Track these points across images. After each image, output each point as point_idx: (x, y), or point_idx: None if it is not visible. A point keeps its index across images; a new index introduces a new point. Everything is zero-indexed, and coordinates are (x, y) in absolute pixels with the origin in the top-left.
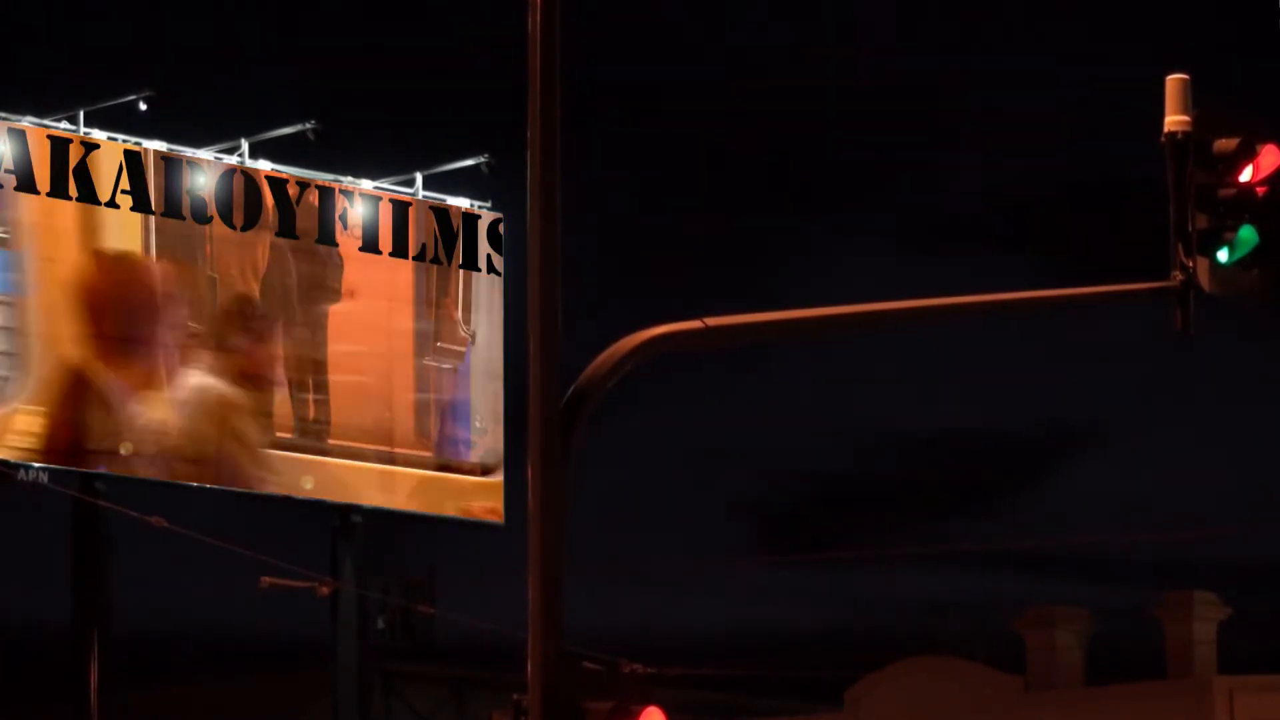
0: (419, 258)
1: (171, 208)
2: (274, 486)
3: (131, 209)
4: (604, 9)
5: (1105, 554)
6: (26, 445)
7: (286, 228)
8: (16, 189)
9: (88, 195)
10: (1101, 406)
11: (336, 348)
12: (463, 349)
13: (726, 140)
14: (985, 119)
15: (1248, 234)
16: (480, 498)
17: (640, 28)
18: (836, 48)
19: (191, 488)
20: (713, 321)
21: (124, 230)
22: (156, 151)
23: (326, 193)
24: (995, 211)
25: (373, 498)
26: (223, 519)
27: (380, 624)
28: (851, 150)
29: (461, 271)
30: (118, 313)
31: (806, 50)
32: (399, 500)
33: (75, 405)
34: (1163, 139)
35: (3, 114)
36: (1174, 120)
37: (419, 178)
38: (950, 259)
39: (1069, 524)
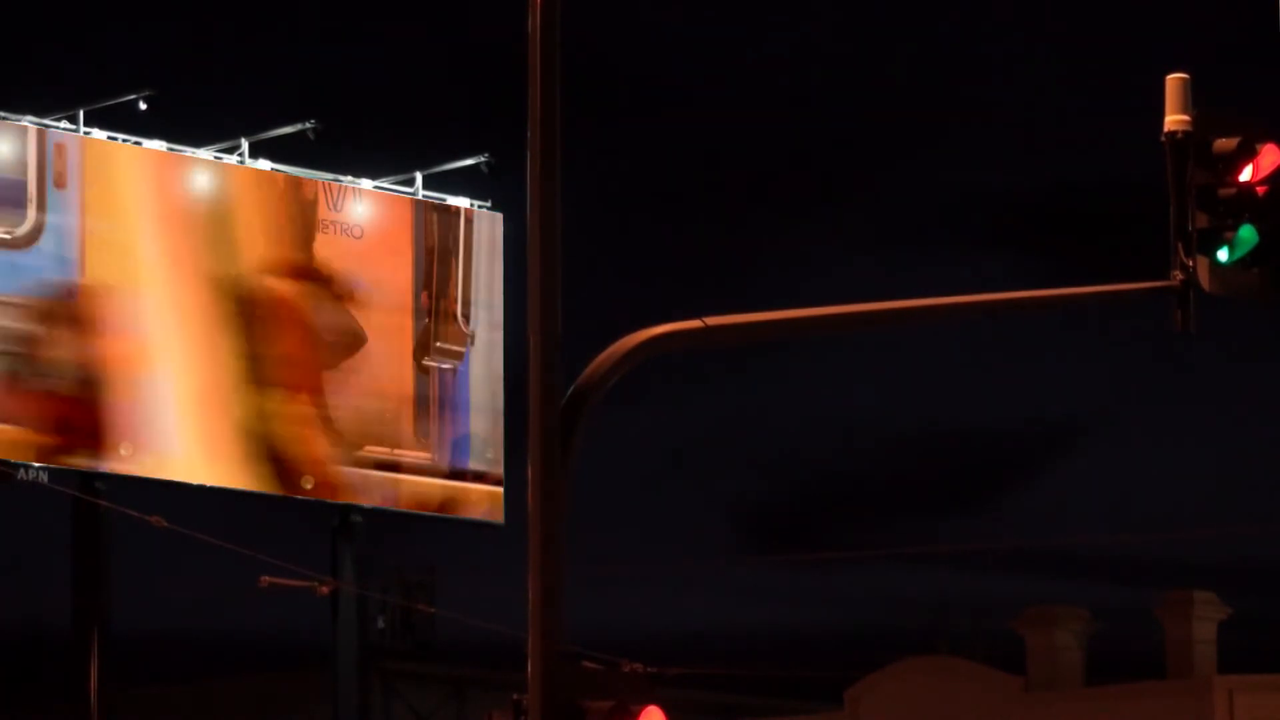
0: (418, 258)
1: (172, 208)
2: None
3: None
4: (604, 10)
5: (1105, 554)
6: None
7: (286, 227)
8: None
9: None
10: (1102, 406)
11: (337, 348)
12: (462, 349)
13: (725, 140)
14: (981, 118)
15: (1248, 234)
16: (480, 497)
17: (638, 29)
18: (834, 49)
19: (191, 487)
20: (713, 321)
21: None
22: (156, 151)
23: (326, 192)
24: (991, 211)
25: (372, 497)
26: (223, 519)
27: (380, 624)
28: (848, 150)
29: (461, 271)
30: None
31: (805, 51)
32: (399, 500)
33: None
34: (1163, 139)
35: (3, 113)
36: (1174, 120)
37: (419, 177)
38: (948, 259)
39: (1069, 524)
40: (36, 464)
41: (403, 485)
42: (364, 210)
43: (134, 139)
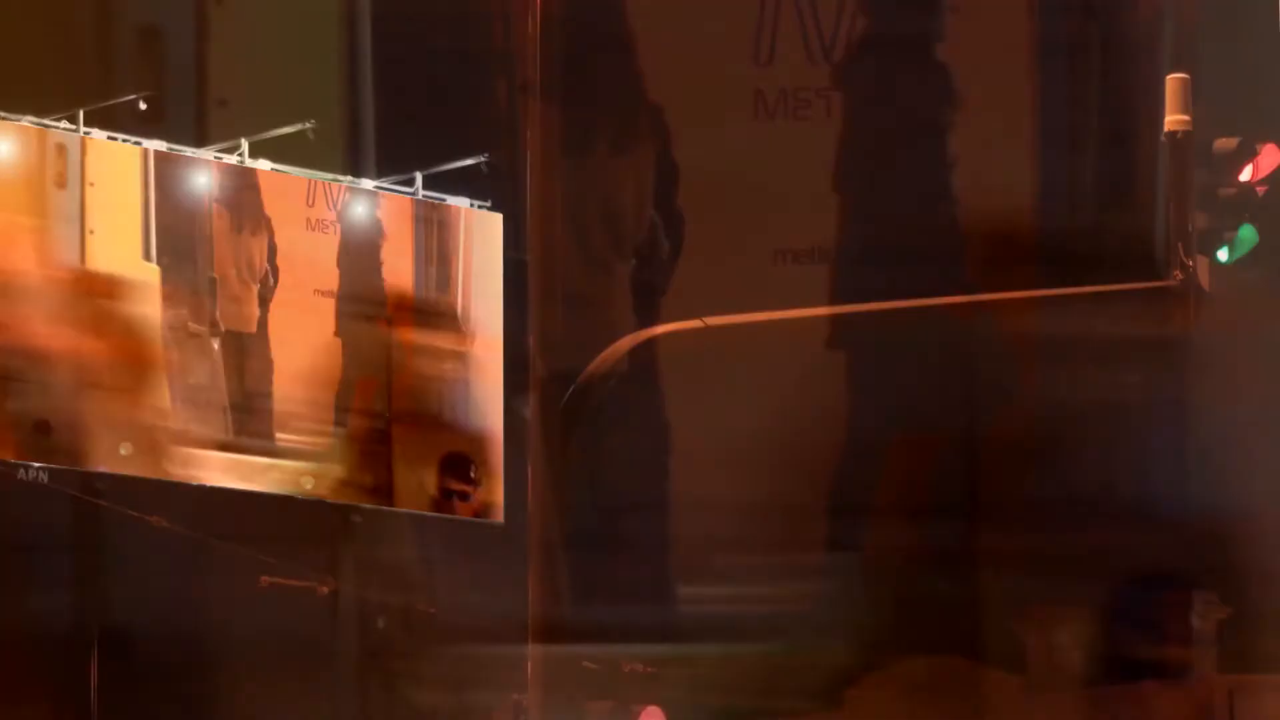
0: (419, 258)
1: (171, 208)
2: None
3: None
4: (603, 10)
5: (1105, 554)
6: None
7: (286, 228)
8: None
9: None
10: (1102, 405)
11: (336, 349)
12: (463, 350)
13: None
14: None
15: (1248, 234)
16: (480, 497)
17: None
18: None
19: (191, 487)
20: (713, 321)
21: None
22: (156, 151)
23: (326, 192)
24: None
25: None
26: (223, 519)
27: (380, 624)
28: None
29: (461, 272)
30: None
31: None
32: (398, 500)
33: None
34: (1163, 139)
35: (2, 114)
36: (1174, 120)
37: (419, 177)
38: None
39: (1068, 524)
40: (36, 464)
41: (402, 485)
42: (363, 210)
43: (134, 139)
